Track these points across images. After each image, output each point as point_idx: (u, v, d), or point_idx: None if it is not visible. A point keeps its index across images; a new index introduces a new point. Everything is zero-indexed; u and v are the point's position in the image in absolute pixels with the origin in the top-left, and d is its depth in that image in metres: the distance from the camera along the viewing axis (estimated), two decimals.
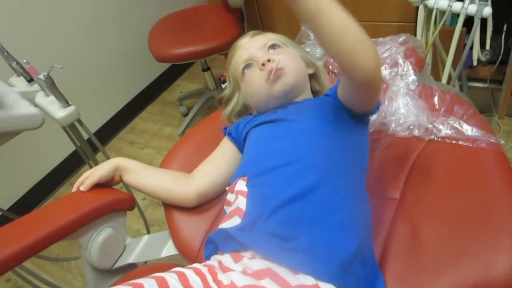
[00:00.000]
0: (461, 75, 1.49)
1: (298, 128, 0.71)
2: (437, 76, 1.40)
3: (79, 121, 0.98)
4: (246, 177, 0.69)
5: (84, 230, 0.73)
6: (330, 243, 0.57)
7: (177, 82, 2.48)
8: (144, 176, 0.81)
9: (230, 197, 0.71)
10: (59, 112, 0.94)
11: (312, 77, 0.85)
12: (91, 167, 1.22)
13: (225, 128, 0.86)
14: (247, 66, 0.79)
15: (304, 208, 0.60)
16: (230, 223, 0.65)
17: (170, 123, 2.18)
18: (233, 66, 0.83)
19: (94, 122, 2.06)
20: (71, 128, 1.02)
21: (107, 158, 1.22)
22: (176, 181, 0.81)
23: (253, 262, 0.56)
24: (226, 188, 0.73)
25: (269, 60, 0.74)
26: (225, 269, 0.58)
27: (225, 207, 0.72)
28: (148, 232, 1.31)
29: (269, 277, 0.54)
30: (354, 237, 0.59)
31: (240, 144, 0.81)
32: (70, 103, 0.95)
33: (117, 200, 0.78)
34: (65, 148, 1.88)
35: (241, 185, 0.69)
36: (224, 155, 0.82)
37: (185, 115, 2.16)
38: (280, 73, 0.74)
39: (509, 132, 1.57)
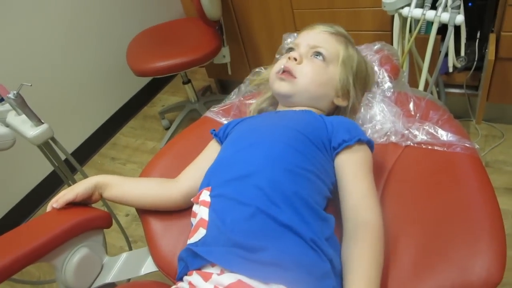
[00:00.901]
0: (438, 81, 1.52)
1: (270, 139, 0.70)
2: (414, 83, 1.42)
3: (53, 139, 0.95)
4: (210, 187, 0.68)
5: (57, 252, 0.70)
6: (297, 256, 0.57)
7: (159, 95, 2.47)
8: (127, 187, 0.80)
9: (195, 208, 0.70)
10: (31, 131, 0.91)
11: (338, 109, 0.85)
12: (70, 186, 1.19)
13: (214, 130, 0.86)
14: (290, 49, 0.84)
15: (267, 221, 0.59)
16: (197, 236, 0.64)
17: (152, 137, 2.16)
18: (295, 39, 0.88)
19: (75, 139, 2.03)
20: (46, 147, 0.99)
21: (86, 177, 1.20)
22: (161, 185, 0.80)
23: (223, 277, 0.55)
24: (192, 199, 0.72)
25: (295, 59, 0.78)
26: None
27: (191, 218, 0.70)
28: (130, 249, 1.28)
29: None
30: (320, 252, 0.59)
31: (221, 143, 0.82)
32: (42, 121, 0.93)
33: (92, 218, 0.76)
34: (44, 167, 1.84)
35: (205, 195, 0.68)
36: (208, 157, 0.80)
37: (167, 128, 2.15)
38: (288, 78, 0.78)
39: (487, 137, 1.60)
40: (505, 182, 1.41)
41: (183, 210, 0.80)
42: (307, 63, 0.79)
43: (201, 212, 0.66)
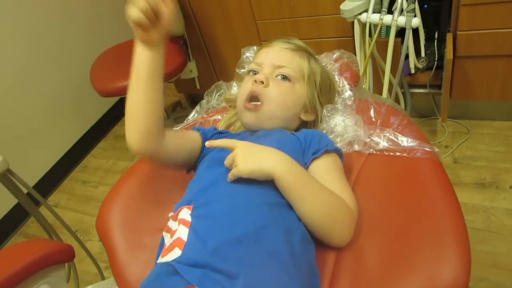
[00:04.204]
0: (402, 83, 1.54)
1: None
2: (380, 86, 1.44)
3: (9, 172, 0.91)
4: (192, 206, 0.65)
5: None
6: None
7: None
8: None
9: (171, 224, 0.67)
10: None
11: (306, 123, 0.85)
12: (36, 218, 1.14)
13: (196, 126, 0.84)
14: (254, 70, 0.82)
15: (250, 248, 0.57)
16: (170, 256, 0.60)
17: (124, 157, 2.11)
18: (254, 56, 0.87)
19: (42, 165, 1.97)
20: (5, 180, 0.95)
21: (50, 211, 1.15)
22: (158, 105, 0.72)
23: None
24: (169, 215, 0.69)
25: (262, 82, 0.77)
26: None
27: (164, 233, 0.67)
28: (103, 277, 1.24)
29: None
30: (297, 282, 0.57)
31: (204, 141, 0.79)
32: None
33: (51, 253, 0.72)
34: (9, 200, 1.78)
35: (185, 213, 0.65)
36: (190, 135, 0.80)
37: None
38: (256, 108, 0.77)
39: (453, 133, 1.63)
40: (474, 178, 1.44)
41: (149, 236, 0.78)
42: (274, 86, 0.78)
43: (180, 231, 0.63)
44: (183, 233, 0.62)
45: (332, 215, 0.63)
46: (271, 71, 0.80)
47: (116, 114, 2.36)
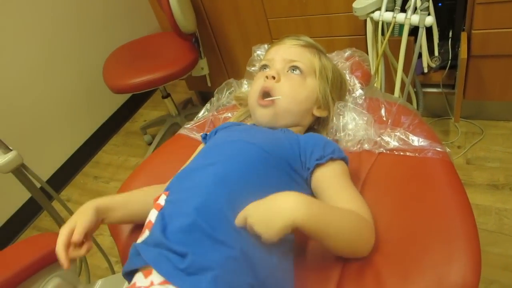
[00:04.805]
0: (415, 82, 1.53)
1: (240, 156, 0.69)
2: (392, 85, 1.43)
3: (24, 166, 0.93)
4: (168, 192, 0.67)
5: (27, 284, 0.68)
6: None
7: (140, 111, 2.45)
8: (131, 206, 0.75)
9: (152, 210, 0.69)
10: None
11: (319, 119, 0.84)
12: (49, 212, 1.16)
13: (205, 134, 0.85)
14: (265, 66, 0.83)
15: (202, 237, 0.57)
16: (142, 237, 0.63)
17: (135, 153, 2.13)
18: (265, 54, 0.88)
19: (55, 160, 2.00)
20: (19, 175, 0.97)
21: (63, 204, 1.17)
22: (157, 190, 0.75)
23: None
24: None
25: (273, 77, 0.77)
26: None
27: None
28: (113, 272, 1.26)
29: None
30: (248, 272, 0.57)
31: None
32: (10, 148, 0.90)
33: None
34: (23, 194, 1.81)
35: (161, 199, 0.67)
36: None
37: (150, 143, 2.12)
38: (270, 104, 0.77)
39: (467, 134, 1.61)
40: (487, 179, 1.42)
41: None
42: (285, 80, 0.78)
43: (151, 214, 0.65)
44: (153, 216, 0.64)
45: (358, 239, 0.61)
46: (282, 66, 0.80)
47: (128, 110, 2.38)
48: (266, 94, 0.78)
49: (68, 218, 1.33)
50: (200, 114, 1.02)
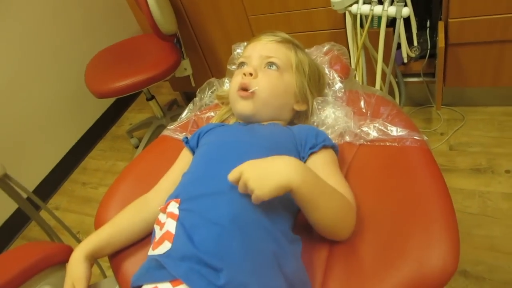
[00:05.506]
0: (396, 72, 1.55)
1: (243, 154, 0.69)
2: (374, 76, 1.44)
3: (7, 176, 0.92)
4: (179, 199, 0.67)
5: None
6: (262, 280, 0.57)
7: (125, 114, 2.44)
8: (114, 239, 0.75)
9: (161, 217, 0.68)
10: None
11: (299, 113, 0.86)
12: (37, 222, 1.15)
13: (186, 138, 0.85)
14: (242, 63, 0.84)
15: (233, 241, 0.58)
16: (162, 249, 0.62)
17: (122, 157, 2.12)
18: (243, 51, 0.90)
19: (41, 169, 1.98)
20: (3, 185, 0.96)
21: (51, 214, 1.16)
22: (141, 213, 0.76)
23: None
24: (159, 208, 0.70)
25: (251, 74, 0.78)
26: None
27: (155, 225, 0.69)
28: (105, 276, 1.25)
29: None
30: (280, 276, 0.58)
31: (194, 153, 0.81)
32: None
33: (51, 255, 0.73)
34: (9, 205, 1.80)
35: (173, 207, 0.66)
36: (182, 169, 0.78)
37: (137, 146, 2.12)
38: (249, 96, 0.78)
39: (449, 121, 1.64)
40: (470, 164, 1.45)
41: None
42: (263, 76, 0.80)
43: (168, 224, 0.64)
44: (171, 226, 0.63)
45: (342, 218, 0.63)
46: (259, 62, 0.82)
47: (113, 115, 2.37)
48: (244, 90, 0.79)
49: (57, 227, 1.33)
50: (183, 115, 1.02)
